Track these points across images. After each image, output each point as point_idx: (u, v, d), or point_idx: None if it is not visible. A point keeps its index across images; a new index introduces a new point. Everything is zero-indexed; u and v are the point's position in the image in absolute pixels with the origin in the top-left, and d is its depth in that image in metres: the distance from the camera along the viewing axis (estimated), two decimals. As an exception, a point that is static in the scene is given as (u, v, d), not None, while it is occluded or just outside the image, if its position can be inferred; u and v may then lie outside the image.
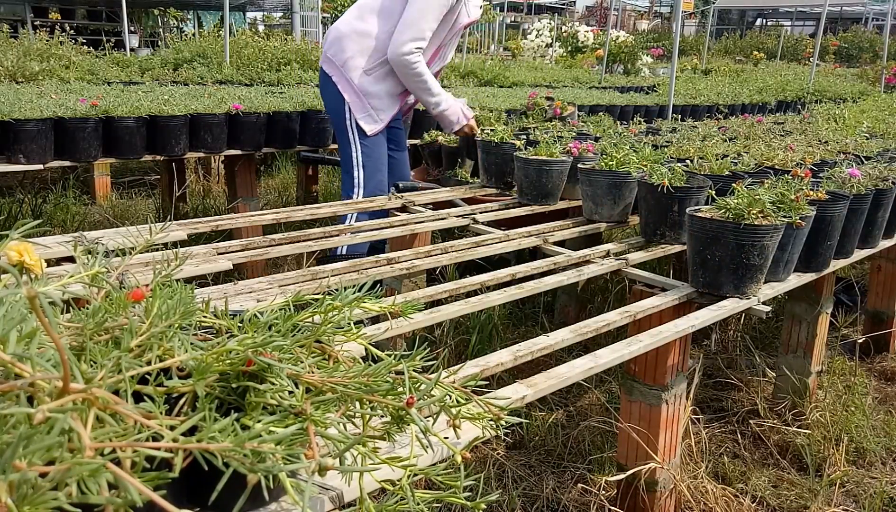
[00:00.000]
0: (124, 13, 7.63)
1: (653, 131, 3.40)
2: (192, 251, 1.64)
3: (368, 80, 2.80)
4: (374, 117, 2.83)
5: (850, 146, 2.80)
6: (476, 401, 0.82)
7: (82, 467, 0.48)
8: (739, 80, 8.19)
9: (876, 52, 15.50)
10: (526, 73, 7.79)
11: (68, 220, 3.97)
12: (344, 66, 2.79)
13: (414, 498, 0.73)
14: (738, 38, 19.16)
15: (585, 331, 1.40)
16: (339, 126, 2.87)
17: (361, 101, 2.81)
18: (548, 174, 2.37)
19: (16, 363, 0.54)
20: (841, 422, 2.18)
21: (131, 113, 3.10)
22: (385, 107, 2.85)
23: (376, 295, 0.89)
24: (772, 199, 1.70)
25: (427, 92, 2.82)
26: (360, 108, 2.81)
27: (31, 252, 0.79)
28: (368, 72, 2.79)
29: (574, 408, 2.33)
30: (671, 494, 1.80)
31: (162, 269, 0.90)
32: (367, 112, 2.82)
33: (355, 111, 2.81)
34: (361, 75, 2.78)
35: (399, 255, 1.75)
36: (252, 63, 5.89)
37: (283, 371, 0.69)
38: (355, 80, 2.79)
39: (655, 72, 10.12)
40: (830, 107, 5.01)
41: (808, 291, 2.24)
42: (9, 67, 4.66)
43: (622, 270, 1.84)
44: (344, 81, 2.80)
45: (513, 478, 1.95)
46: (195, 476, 0.60)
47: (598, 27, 16.79)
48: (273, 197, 5.05)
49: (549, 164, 2.36)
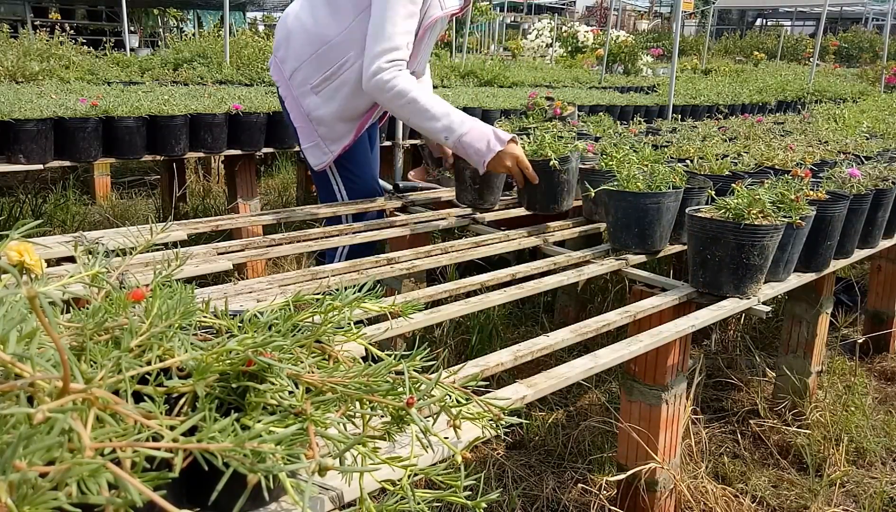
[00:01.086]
0: (124, 13, 7.63)
1: (653, 131, 3.40)
2: (192, 251, 1.64)
3: (316, 101, 2.11)
4: (323, 149, 2.17)
5: (850, 146, 2.80)
6: (476, 401, 0.82)
7: (82, 467, 0.48)
8: (739, 80, 8.19)
9: (876, 52, 15.51)
10: (526, 73, 7.79)
11: (68, 221, 3.97)
12: (291, 78, 2.14)
13: (414, 498, 0.73)
14: (738, 38, 19.16)
15: (585, 331, 1.40)
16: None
17: (309, 126, 2.16)
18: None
19: (16, 363, 0.54)
20: (841, 422, 2.18)
21: (131, 113, 3.10)
22: (337, 137, 2.15)
23: (376, 295, 0.89)
24: (772, 199, 1.70)
25: (425, 116, 1.97)
26: (306, 135, 2.17)
27: (32, 252, 0.79)
28: (316, 89, 2.10)
29: (574, 408, 2.33)
30: (671, 494, 1.80)
31: (162, 269, 0.90)
32: (315, 141, 2.17)
33: (302, 139, 2.18)
34: (309, 93, 2.12)
35: (399, 255, 1.75)
36: (252, 63, 5.89)
37: (283, 371, 0.69)
38: (303, 101, 2.13)
39: (655, 72, 10.12)
40: (830, 107, 5.01)
41: (808, 291, 2.24)
42: (9, 67, 4.66)
43: (622, 270, 1.84)
44: (291, 99, 2.17)
45: (513, 478, 1.95)
46: (195, 476, 0.60)
47: (598, 27, 16.80)
48: (273, 197, 5.05)
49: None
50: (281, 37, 2.17)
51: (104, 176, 4.74)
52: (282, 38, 2.16)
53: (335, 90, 2.09)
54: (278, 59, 2.18)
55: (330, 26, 2.06)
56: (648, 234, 1.88)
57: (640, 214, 1.85)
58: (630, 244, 1.92)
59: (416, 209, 2.35)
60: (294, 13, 2.16)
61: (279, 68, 2.17)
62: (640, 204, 1.85)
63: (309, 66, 2.09)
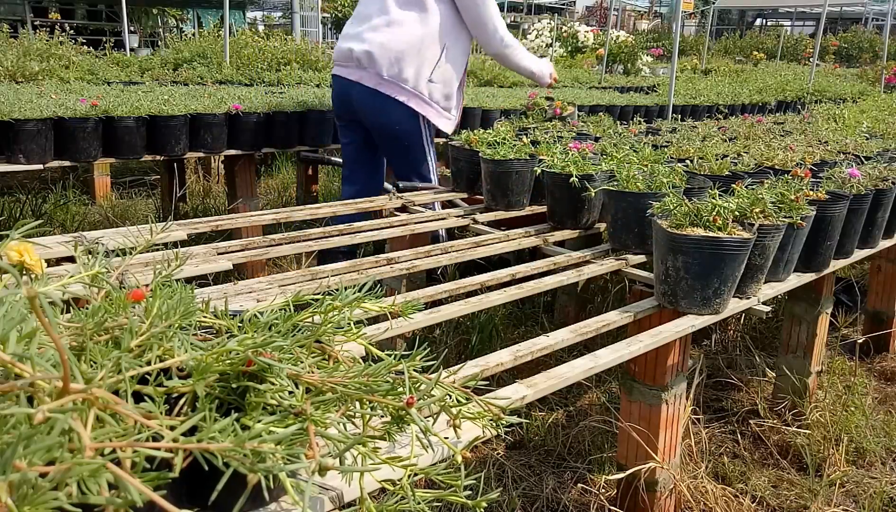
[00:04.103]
0: (124, 13, 7.63)
1: (653, 131, 3.40)
2: (192, 251, 1.64)
3: (435, 87, 2.82)
4: (450, 116, 2.91)
5: (850, 146, 2.80)
6: (476, 401, 0.82)
7: (82, 467, 0.48)
8: (739, 81, 8.18)
9: (876, 52, 15.51)
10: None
11: (68, 221, 3.97)
12: (410, 83, 2.77)
13: (414, 497, 0.73)
14: (737, 38, 19.15)
15: (585, 331, 1.40)
16: (415, 142, 2.85)
17: (435, 108, 2.84)
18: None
19: (16, 363, 0.54)
20: (841, 422, 2.18)
21: (131, 113, 3.10)
22: (456, 102, 2.92)
23: (376, 295, 0.89)
24: (772, 199, 1.70)
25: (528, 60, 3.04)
26: (435, 115, 2.84)
27: (32, 252, 0.79)
28: (432, 79, 2.80)
29: (574, 408, 2.33)
30: (671, 494, 1.80)
31: (162, 269, 0.90)
32: (443, 116, 2.87)
33: (434, 120, 2.84)
34: (427, 84, 2.79)
35: (399, 255, 1.75)
36: (252, 63, 5.89)
37: (283, 371, 0.69)
38: (425, 93, 2.80)
39: (655, 72, 10.12)
40: (830, 107, 5.00)
41: (808, 291, 2.24)
42: (9, 67, 4.66)
43: (622, 270, 1.84)
44: (415, 98, 2.79)
45: (513, 478, 1.95)
46: (195, 476, 0.60)
47: (598, 27, 16.79)
48: (273, 197, 5.05)
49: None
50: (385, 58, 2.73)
51: (104, 176, 4.74)
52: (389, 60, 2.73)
53: (443, 73, 2.82)
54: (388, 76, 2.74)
55: (420, 27, 2.75)
56: (648, 234, 1.88)
57: (640, 214, 1.85)
58: (630, 244, 1.92)
59: (416, 209, 2.35)
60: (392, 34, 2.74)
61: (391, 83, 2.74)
62: (641, 204, 1.85)
63: (422, 66, 2.76)
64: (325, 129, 3.74)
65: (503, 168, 2.24)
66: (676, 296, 1.57)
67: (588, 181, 2.05)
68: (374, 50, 2.73)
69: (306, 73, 5.72)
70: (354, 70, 2.81)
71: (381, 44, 2.74)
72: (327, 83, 5.31)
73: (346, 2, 9.93)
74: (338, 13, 10.02)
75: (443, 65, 2.81)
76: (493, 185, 2.27)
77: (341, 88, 2.88)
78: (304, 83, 5.23)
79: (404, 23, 2.75)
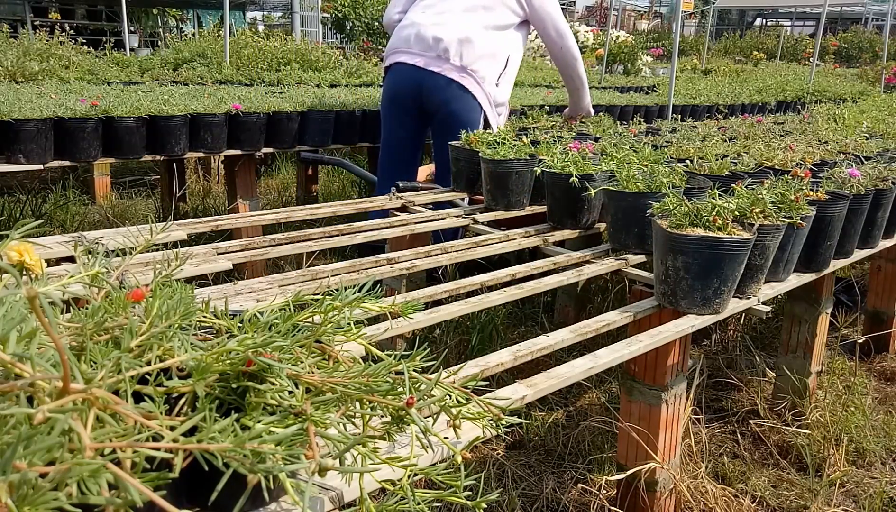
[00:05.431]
0: (124, 13, 7.63)
1: (653, 131, 3.40)
2: (192, 251, 1.64)
3: (499, 92, 2.94)
4: (500, 122, 3.04)
5: (849, 146, 2.80)
6: (476, 401, 0.82)
7: (82, 468, 0.48)
8: (739, 81, 8.18)
9: (876, 52, 15.51)
10: (526, 72, 7.78)
11: (68, 221, 3.97)
12: (482, 78, 2.86)
13: (414, 498, 0.73)
14: (737, 39, 19.15)
15: (585, 331, 1.40)
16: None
17: (494, 110, 2.96)
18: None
19: (16, 363, 0.54)
20: (841, 422, 2.18)
21: (131, 113, 3.10)
22: (505, 112, 3.06)
23: (376, 295, 0.89)
24: (772, 199, 1.70)
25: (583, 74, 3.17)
26: (493, 117, 2.97)
27: (31, 252, 0.79)
28: (498, 83, 2.92)
29: (574, 408, 2.33)
30: (671, 494, 1.80)
31: (162, 269, 0.90)
32: (496, 120, 2.99)
33: (491, 121, 2.94)
34: (492, 87, 2.90)
35: (399, 255, 1.75)
36: (252, 63, 5.89)
37: (283, 371, 0.69)
38: (492, 95, 2.90)
39: (655, 72, 10.12)
40: (830, 107, 5.00)
41: (808, 291, 2.24)
42: (9, 67, 4.66)
43: (622, 270, 1.84)
44: (484, 97, 2.89)
45: (513, 478, 1.95)
46: (195, 476, 0.60)
47: (598, 27, 16.79)
48: (273, 197, 5.05)
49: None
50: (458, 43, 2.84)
51: (104, 176, 4.74)
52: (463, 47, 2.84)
53: (507, 81, 2.98)
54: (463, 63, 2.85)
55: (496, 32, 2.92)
56: (648, 234, 1.88)
57: (639, 215, 1.85)
58: (630, 244, 1.92)
59: (416, 209, 2.35)
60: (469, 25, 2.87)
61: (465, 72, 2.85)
62: (640, 204, 1.85)
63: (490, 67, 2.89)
64: (325, 129, 3.74)
65: (503, 168, 2.24)
66: (676, 296, 1.57)
67: (588, 181, 2.05)
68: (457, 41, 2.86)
69: (306, 73, 5.72)
70: (433, 60, 2.88)
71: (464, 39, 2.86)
72: (327, 83, 5.31)
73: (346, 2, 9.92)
74: (338, 13, 10.01)
75: (507, 73, 2.95)
76: (493, 185, 2.27)
77: (411, 76, 2.93)
78: (304, 83, 5.23)
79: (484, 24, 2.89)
